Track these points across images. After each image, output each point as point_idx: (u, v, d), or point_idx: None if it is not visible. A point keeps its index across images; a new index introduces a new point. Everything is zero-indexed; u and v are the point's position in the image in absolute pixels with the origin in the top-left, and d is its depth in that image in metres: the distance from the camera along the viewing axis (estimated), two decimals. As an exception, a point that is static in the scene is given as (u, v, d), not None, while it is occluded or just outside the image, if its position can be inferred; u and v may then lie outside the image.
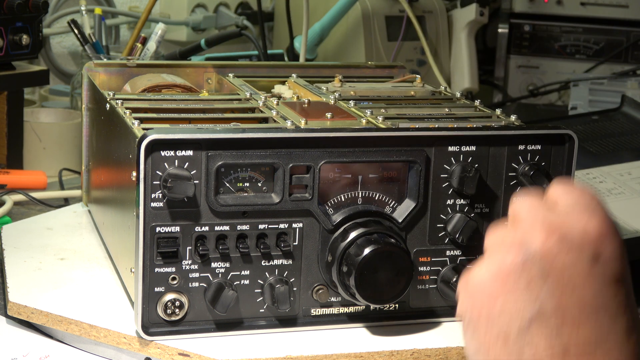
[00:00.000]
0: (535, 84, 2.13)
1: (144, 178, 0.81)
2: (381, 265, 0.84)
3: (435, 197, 0.90)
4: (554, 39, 2.13)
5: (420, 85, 1.13)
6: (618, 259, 0.64)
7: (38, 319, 0.89)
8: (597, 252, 0.63)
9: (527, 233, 0.65)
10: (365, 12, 1.87)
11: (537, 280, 0.63)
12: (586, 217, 0.64)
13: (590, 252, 0.63)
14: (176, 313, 0.84)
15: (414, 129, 0.90)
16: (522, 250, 0.64)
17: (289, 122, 0.89)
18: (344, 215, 0.87)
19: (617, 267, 0.63)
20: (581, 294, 0.62)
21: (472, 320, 0.65)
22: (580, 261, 0.63)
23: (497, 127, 0.93)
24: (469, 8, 1.99)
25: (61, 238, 1.08)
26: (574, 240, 0.63)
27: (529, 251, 0.64)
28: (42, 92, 1.75)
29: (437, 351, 0.86)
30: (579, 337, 0.62)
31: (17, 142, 1.43)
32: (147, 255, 0.83)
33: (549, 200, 0.68)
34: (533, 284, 0.63)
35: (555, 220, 0.65)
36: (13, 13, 1.38)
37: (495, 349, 0.64)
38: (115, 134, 0.95)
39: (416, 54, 1.95)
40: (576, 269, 0.63)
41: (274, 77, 1.18)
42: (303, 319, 0.89)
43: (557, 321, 0.62)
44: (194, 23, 1.98)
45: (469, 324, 0.66)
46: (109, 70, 1.15)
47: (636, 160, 1.41)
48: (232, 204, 0.84)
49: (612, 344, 0.62)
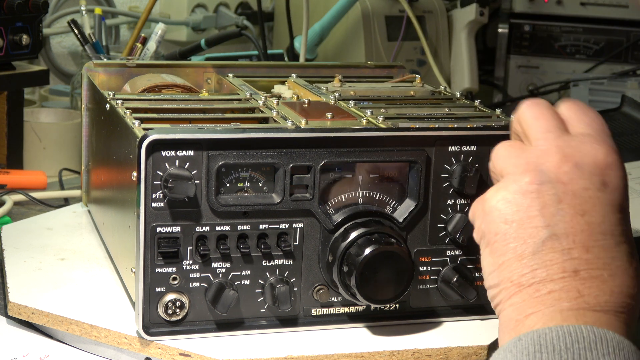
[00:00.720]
0: (535, 84, 2.13)
1: (145, 178, 0.81)
2: (382, 265, 0.84)
3: (435, 197, 0.90)
4: (554, 39, 2.13)
5: (420, 85, 1.13)
6: (622, 188, 0.67)
7: (38, 319, 0.89)
8: (605, 180, 0.66)
9: (542, 157, 0.68)
10: (365, 12, 1.87)
11: (551, 204, 0.66)
12: (596, 147, 0.67)
13: (599, 180, 0.66)
14: (177, 313, 0.84)
15: (414, 128, 0.90)
16: (538, 174, 0.67)
17: (289, 122, 0.89)
18: (344, 215, 0.87)
19: (621, 196, 0.67)
20: (590, 219, 0.65)
21: (489, 242, 0.69)
22: (591, 188, 0.66)
23: (497, 127, 0.92)
24: (469, 8, 1.99)
25: (61, 238, 1.08)
26: (586, 168, 0.67)
27: (545, 175, 0.67)
28: (42, 92, 1.75)
29: (438, 351, 0.86)
30: (588, 259, 0.65)
31: (17, 142, 1.43)
32: (148, 255, 0.83)
33: (561, 121, 0.70)
34: (547, 208, 0.66)
35: (569, 147, 0.68)
36: (13, 13, 1.38)
37: (510, 268, 0.67)
38: (116, 134, 0.95)
39: (416, 54, 1.95)
40: (587, 194, 0.66)
41: (273, 77, 1.18)
42: (304, 319, 0.89)
43: (569, 244, 0.65)
44: (194, 23, 1.98)
45: (486, 245, 0.69)
46: (108, 70, 1.15)
47: (636, 160, 1.42)
48: (232, 204, 0.84)
49: (616, 266, 0.65)
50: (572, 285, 0.64)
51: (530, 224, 0.66)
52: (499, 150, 0.72)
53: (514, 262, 0.66)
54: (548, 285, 0.65)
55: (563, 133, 0.69)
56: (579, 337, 0.60)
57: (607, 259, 0.65)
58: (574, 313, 0.63)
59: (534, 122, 0.71)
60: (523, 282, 0.66)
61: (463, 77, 2.00)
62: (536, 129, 0.70)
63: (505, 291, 0.67)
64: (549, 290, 0.64)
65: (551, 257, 0.65)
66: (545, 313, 0.64)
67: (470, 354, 0.87)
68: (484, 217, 0.69)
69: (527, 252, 0.66)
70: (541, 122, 0.70)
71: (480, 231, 0.70)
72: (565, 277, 0.65)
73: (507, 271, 0.67)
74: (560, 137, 0.69)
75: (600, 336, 0.60)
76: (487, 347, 0.88)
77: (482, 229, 0.70)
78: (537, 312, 0.64)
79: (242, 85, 1.10)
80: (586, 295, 0.64)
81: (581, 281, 0.64)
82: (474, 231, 0.71)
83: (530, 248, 0.66)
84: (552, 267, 0.65)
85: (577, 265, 0.65)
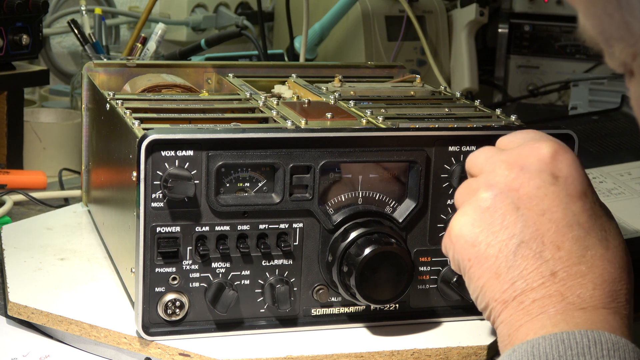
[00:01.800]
0: (535, 84, 2.13)
1: (145, 178, 0.81)
2: (381, 265, 0.84)
3: (435, 197, 0.90)
4: (554, 39, 2.12)
5: (420, 85, 1.13)
6: (575, 174, 0.67)
7: (38, 319, 0.89)
8: (555, 173, 0.67)
9: (490, 174, 0.70)
10: (365, 12, 1.87)
11: (511, 213, 0.67)
12: (536, 145, 0.68)
13: (549, 174, 0.67)
14: (177, 313, 0.84)
15: (414, 128, 0.90)
16: (489, 188, 0.69)
17: (289, 122, 0.89)
18: (344, 215, 0.87)
19: (577, 183, 0.67)
20: (552, 216, 0.66)
21: (465, 269, 0.69)
22: (543, 185, 0.66)
23: (497, 127, 0.92)
24: (469, 8, 1.99)
25: (61, 238, 1.08)
26: (532, 167, 0.67)
27: (495, 188, 0.68)
28: (42, 92, 1.75)
29: (438, 351, 0.86)
30: (562, 257, 0.65)
31: (17, 142, 1.43)
32: (148, 255, 0.83)
33: (500, 146, 0.73)
34: (508, 218, 0.67)
35: (511, 156, 0.69)
36: (13, 13, 1.38)
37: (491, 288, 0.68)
38: (115, 134, 0.95)
39: (416, 54, 1.95)
40: (542, 192, 0.66)
41: (274, 77, 1.18)
42: (303, 319, 0.89)
43: (538, 247, 0.65)
44: (194, 23, 1.98)
45: (464, 273, 0.70)
46: (108, 70, 1.15)
47: (636, 160, 1.42)
48: (232, 204, 0.84)
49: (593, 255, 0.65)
50: (553, 289, 0.64)
51: (496, 239, 0.67)
52: (457, 192, 0.74)
53: (493, 281, 0.67)
54: (530, 295, 0.65)
55: (502, 151, 0.71)
56: (571, 344, 0.60)
57: (580, 250, 0.65)
58: (562, 317, 0.63)
59: (474, 160, 0.73)
60: (506, 299, 0.66)
61: (463, 77, 2.00)
62: (479, 162, 0.72)
63: (493, 311, 0.67)
64: (532, 300, 0.64)
65: (525, 265, 0.65)
66: (535, 322, 0.64)
67: (470, 354, 0.87)
68: (454, 247, 0.70)
69: (502, 267, 0.66)
70: (480, 156, 0.73)
71: (455, 262, 0.71)
72: (544, 282, 0.64)
73: (489, 292, 0.67)
74: (502, 153, 0.70)
75: (594, 339, 0.60)
76: (487, 347, 0.88)
77: (456, 258, 0.70)
78: (526, 323, 0.64)
79: (242, 85, 1.10)
80: (569, 296, 0.64)
81: (561, 282, 0.64)
82: (451, 264, 0.72)
83: (503, 263, 0.66)
84: (528, 275, 0.65)
85: (552, 266, 0.65)
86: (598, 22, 0.51)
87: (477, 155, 0.73)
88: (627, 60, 0.52)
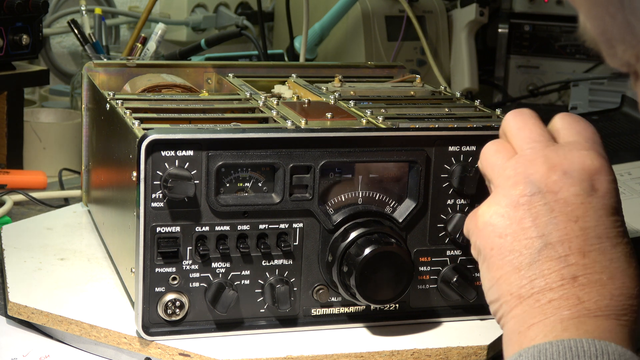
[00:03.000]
0: (535, 84, 2.13)
1: (145, 178, 0.81)
2: (381, 265, 0.84)
3: (435, 197, 0.90)
4: (554, 39, 2.12)
5: (420, 85, 1.13)
6: (613, 192, 0.68)
7: (38, 319, 0.89)
8: (595, 185, 0.67)
9: (530, 167, 0.69)
10: (365, 12, 1.87)
11: (544, 214, 0.67)
12: (584, 153, 0.68)
13: (589, 185, 0.67)
14: (177, 313, 0.84)
15: (414, 128, 0.90)
16: (528, 186, 0.68)
17: (289, 122, 0.89)
18: (344, 215, 0.87)
19: (613, 199, 0.67)
20: (584, 224, 0.66)
21: (486, 258, 0.69)
22: (582, 194, 0.66)
23: (497, 127, 0.92)
24: (469, 8, 1.99)
25: (61, 238, 1.08)
26: (575, 174, 0.67)
27: (535, 186, 0.68)
28: (42, 92, 1.75)
29: (438, 351, 0.86)
30: (586, 264, 0.65)
31: (17, 142, 1.43)
32: (148, 255, 0.83)
33: (546, 130, 0.72)
34: (540, 218, 0.67)
35: (556, 156, 0.68)
36: (13, 13, 1.38)
37: (509, 281, 0.67)
38: (115, 134, 0.95)
39: (416, 54, 1.95)
40: (578, 200, 0.66)
41: (274, 77, 1.18)
42: (303, 319, 0.89)
43: (564, 251, 0.65)
44: (194, 23, 1.98)
45: (483, 260, 0.69)
46: (108, 70, 1.15)
47: (636, 160, 1.42)
48: (232, 204, 0.84)
49: (615, 268, 0.65)
50: (572, 292, 0.64)
51: (524, 236, 0.66)
52: (485, 155, 0.73)
53: (512, 275, 0.66)
54: (547, 295, 0.65)
55: (549, 142, 0.70)
56: (579, 352, 0.60)
57: (604, 262, 0.65)
58: (574, 322, 0.63)
59: (518, 132, 0.71)
60: (522, 294, 0.66)
61: (463, 77, 2.00)
62: (521, 139, 0.71)
63: (506, 305, 0.67)
64: (548, 300, 0.64)
65: (548, 266, 0.65)
66: (546, 323, 0.64)
67: (470, 354, 0.87)
68: (478, 233, 0.69)
69: (524, 263, 0.66)
70: (525, 132, 0.71)
71: (476, 247, 0.70)
72: (564, 284, 0.64)
73: (505, 284, 0.67)
74: (547, 147, 0.69)
75: (602, 349, 0.60)
76: (487, 347, 0.88)
77: (478, 245, 0.70)
78: (539, 322, 0.64)
79: (242, 85, 1.10)
80: (586, 301, 0.64)
81: (580, 287, 0.64)
82: (471, 248, 0.72)
83: (526, 259, 0.66)
84: (549, 275, 0.65)
85: (575, 271, 0.65)
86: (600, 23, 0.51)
87: (521, 127, 0.71)
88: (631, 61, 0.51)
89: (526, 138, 0.70)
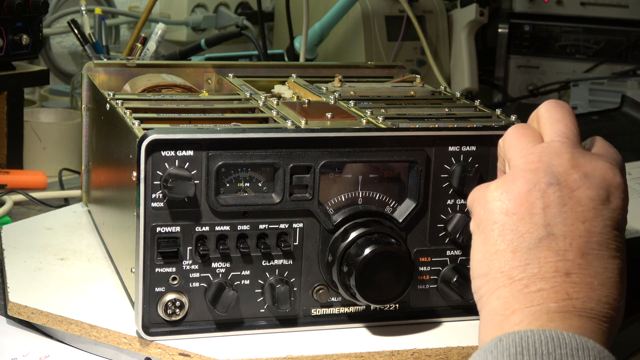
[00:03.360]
0: (535, 84, 2.13)
1: (144, 178, 0.81)
2: (381, 265, 0.84)
3: (435, 197, 0.90)
4: (554, 39, 2.12)
5: (420, 85, 1.13)
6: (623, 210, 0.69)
7: (38, 319, 0.89)
8: (610, 197, 0.68)
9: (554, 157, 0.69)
10: (365, 12, 1.87)
11: (555, 206, 0.67)
12: (608, 165, 0.69)
13: (604, 194, 0.68)
14: (177, 313, 0.84)
15: (414, 128, 0.90)
16: (548, 175, 0.68)
17: (289, 122, 0.89)
18: (344, 215, 0.87)
19: (621, 216, 0.68)
20: (590, 228, 0.67)
21: (485, 230, 0.69)
22: (596, 200, 0.68)
23: (497, 127, 0.92)
24: (469, 8, 1.99)
25: (61, 238, 1.08)
26: (594, 180, 0.68)
27: (554, 177, 0.68)
28: (42, 92, 1.75)
29: (438, 351, 0.86)
30: (581, 265, 0.66)
31: (17, 142, 1.43)
32: (148, 255, 0.83)
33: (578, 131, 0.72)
34: (550, 209, 0.67)
35: (582, 158, 0.69)
36: (13, 13, 1.38)
37: (502, 259, 0.67)
38: (115, 134, 0.95)
39: (416, 54, 1.95)
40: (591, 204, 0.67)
41: (274, 77, 1.18)
42: (303, 319, 0.89)
43: (565, 246, 0.66)
44: (194, 23, 1.98)
45: (480, 233, 0.69)
46: (109, 70, 1.15)
47: (636, 160, 1.41)
48: (232, 204, 0.84)
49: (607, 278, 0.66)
50: (562, 287, 0.65)
51: (530, 220, 0.67)
52: (511, 135, 0.73)
53: (508, 254, 0.67)
54: (538, 283, 0.65)
55: (579, 145, 0.71)
56: (561, 343, 0.60)
57: (599, 268, 0.66)
58: (560, 315, 0.63)
59: (555, 123, 0.72)
60: (513, 275, 0.66)
61: (463, 77, 2.00)
62: (555, 130, 0.71)
63: (493, 282, 0.67)
64: (538, 288, 0.65)
65: (545, 255, 0.66)
66: (532, 311, 0.64)
67: (470, 354, 0.87)
68: (485, 204, 0.69)
69: (523, 246, 0.66)
70: (561, 126, 0.71)
71: (478, 218, 0.70)
72: (556, 277, 0.65)
73: (498, 261, 0.67)
74: (577, 147, 0.70)
75: (582, 344, 0.60)
76: (487, 347, 0.88)
77: (481, 216, 0.69)
78: (524, 308, 0.64)
79: (242, 85, 1.10)
80: (574, 299, 0.64)
81: (571, 284, 0.65)
82: (472, 218, 0.71)
83: (526, 243, 0.66)
84: (545, 264, 0.65)
85: (569, 267, 0.65)
86: None
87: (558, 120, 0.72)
88: None
89: (560, 131, 0.71)
